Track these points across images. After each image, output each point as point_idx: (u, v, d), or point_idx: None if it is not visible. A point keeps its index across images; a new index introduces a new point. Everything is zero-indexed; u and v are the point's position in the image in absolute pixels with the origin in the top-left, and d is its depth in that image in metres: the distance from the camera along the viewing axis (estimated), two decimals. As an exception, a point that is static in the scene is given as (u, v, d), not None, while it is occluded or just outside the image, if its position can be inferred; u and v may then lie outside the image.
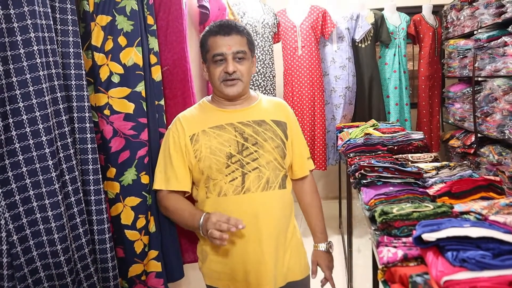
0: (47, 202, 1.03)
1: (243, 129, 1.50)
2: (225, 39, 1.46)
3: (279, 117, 1.59)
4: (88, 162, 1.21)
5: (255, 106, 1.57)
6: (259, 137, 1.51)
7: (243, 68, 1.49)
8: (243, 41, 1.50)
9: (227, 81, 1.47)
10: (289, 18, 3.60)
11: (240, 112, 1.54)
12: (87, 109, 1.21)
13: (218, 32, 1.47)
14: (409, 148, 2.54)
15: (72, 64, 1.17)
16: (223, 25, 1.49)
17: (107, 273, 1.25)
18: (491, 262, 0.91)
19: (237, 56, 1.47)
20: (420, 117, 4.05)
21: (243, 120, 1.52)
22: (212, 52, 1.47)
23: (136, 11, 1.45)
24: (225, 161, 1.46)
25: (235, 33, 1.48)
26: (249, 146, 1.49)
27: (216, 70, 1.47)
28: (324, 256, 1.69)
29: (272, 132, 1.53)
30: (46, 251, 1.04)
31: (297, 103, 3.66)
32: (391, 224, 1.39)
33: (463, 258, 0.93)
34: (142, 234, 1.55)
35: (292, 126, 1.62)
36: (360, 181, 2.00)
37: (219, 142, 1.47)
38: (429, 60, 3.93)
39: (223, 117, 1.52)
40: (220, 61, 1.46)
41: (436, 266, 0.96)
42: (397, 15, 3.88)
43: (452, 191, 1.60)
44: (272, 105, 1.62)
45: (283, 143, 1.55)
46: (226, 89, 1.48)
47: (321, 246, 1.69)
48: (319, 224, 1.71)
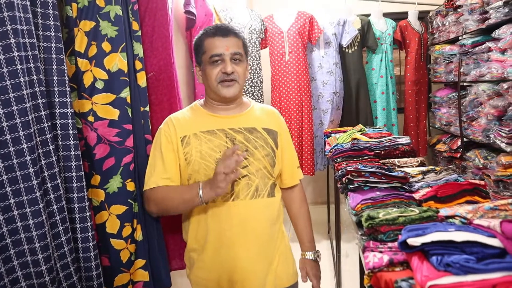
0: (28, 211, 1.01)
1: (234, 135, 1.49)
2: (223, 40, 1.46)
3: (270, 125, 1.58)
4: (71, 169, 1.20)
5: (247, 113, 1.57)
6: (249, 144, 1.50)
7: (240, 69, 1.49)
8: (240, 43, 1.50)
9: (224, 81, 1.46)
10: (276, 24, 3.62)
11: (232, 119, 1.53)
12: (70, 115, 1.19)
13: (216, 34, 1.47)
14: (395, 152, 2.56)
15: (54, 70, 1.16)
16: (221, 27, 1.49)
17: (92, 281, 1.23)
18: (475, 266, 0.92)
19: (234, 57, 1.47)
20: (407, 122, 4.08)
21: (234, 127, 1.51)
22: (209, 53, 1.46)
23: (121, 17, 1.44)
24: (214, 166, 1.45)
25: (232, 35, 1.48)
26: (239, 153, 1.48)
27: (213, 71, 1.46)
28: (312, 264, 1.69)
29: (263, 140, 1.53)
30: (27, 260, 1.02)
31: (285, 108, 3.67)
32: (377, 229, 1.39)
33: (447, 263, 0.93)
34: (128, 242, 1.52)
35: (283, 135, 1.62)
36: (347, 186, 2.01)
37: (210, 147, 1.46)
38: (416, 65, 3.97)
39: (215, 123, 1.51)
40: (217, 62, 1.46)
41: (421, 270, 0.96)
42: (384, 21, 3.92)
43: (437, 196, 1.61)
44: (264, 113, 1.61)
45: (273, 151, 1.55)
46: (223, 90, 1.47)
47: (308, 255, 1.69)
48: (307, 233, 1.71)
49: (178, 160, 1.47)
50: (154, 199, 1.46)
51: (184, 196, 1.41)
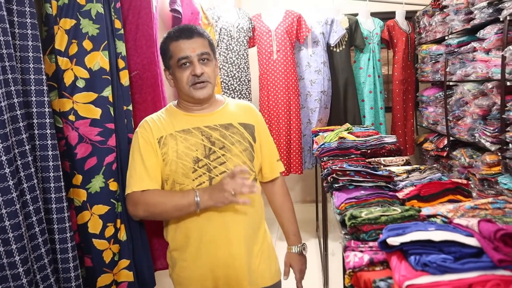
0: (4, 211, 0.99)
1: (210, 133, 1.49)
2: (188, 42, 1.44)
3: (246, 120, 1.58)
4: (49, 169, 1.18)
5: (222, 110, 1.56)
6: (226, 140, 1.49)
7: (209, 70, 1.48)
8: (205, 43, 1.49)
9: (196, 84, 1.45)
10: (264, 23, 3.61)
11: (207, 117, 1.52)
12: (47, 114, 1.18)
13: (180, 36, 1.45)
14: (382, 151, 2.57)
15: (31, 69, 1.14)
16: (184, 29, 1.48)
17: (70, 283, 1.21)
18: (451, 265, 0.92)
19: (201, 57, 1.46)
20: (394, 121, 4.10)
21: (210, 124, 1.50)
22: (176, 56, 1.45)
23: (102, 15, 1.43)
24: (192, 165, 1.44)
25: (196, 35, 1.47)
26: (216, 150, 1.47)
27: (183, 75, 1.45)
28: (297, 258, 1.69)
29: (240, 135, 1.53)
30: (3, 263, 1.01)
31: (273, 107, 3.67)
32: (360, 228, 1.39)
33: (424, 262, 0.93)
34: (111, 243, 1.51)
35: (260, 129, 1.61)
36: (332, 185, 2.01)
37: (186, 146, 1.45)
38: (403, 64, 3.99)
39: (190, 121, 1.50)
40: (185, 65, 1.45)
41: (399, 270, 0.97)
42: (371, 20, 3.93)
43: (420, 194, 1.62)
44: (239, 108, 1.61)
45: (251, 146, 1.55)
46: (196, 92, 1.46)
47: (294, 248, 1.69)
48: (291, 226, 1.71)
49: (157, 160, 1.46)
50: (144, 203, 1.43)
51: (178, 203, 1.40)
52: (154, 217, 1.53)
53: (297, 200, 4.91)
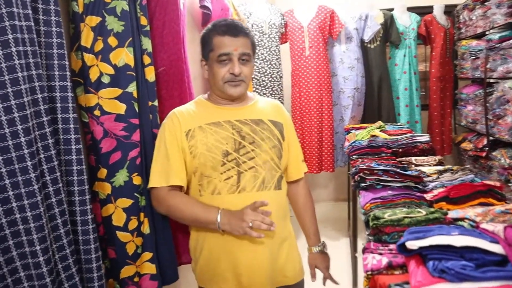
0: (26, 203, 1.03)
1: (240, 127, 1.48)
2: (233, 40, 1.44)
3: (276, 117, 1.57)
4: (72, 163, 1.21)
5: (252, 106, 1.56)
6: (256, 136, 1.48)
7: (247, 70, 1.48)
8: (249, 43, 1.48)
9: (231, 82, 1.45)
10: (296, 19, 3.57)
11: (238, 110, 1.52)
12: (71, 110, 1.21)
13: (226, 32, 1.44)
14: (414, 151, 2.49)
15: (56, 65, 1.17)
16: (231, 26, 1.46)
17: (91, 273, 1.25)
18: (471, 273, 0.88)
19: (242, 57, 1.45)
20: (431, 119, 3.97)
21: (241, 118, 1.50)
22: (217, 51, 1.44)
23: (127, 12, 1.45)
24: (221, 158, 1.44)
25: (242, 35, 1.46)
26: (246, 145, 1.46)
27: (220, 70, 1.45)
28: (321, 257, 1.68)
29: (270, 132, 1.52)
30: (25, 251, 1.05)
31: (305, 104, 3.63)
32: (382, 230, 1.36)
33: (442, 269, 0.90)
34: (135, 235, 1.54)
35: (288, 128, 1.60)
36: (359, 184, 1.97)
37: (216, 139, 1.45)
38: (441, 61, 3.84)
39: (221, 114, 1.50)
40: (224, 61, 1.45)
41: (416, 275, 0.93)
42: (408, 15, 3.81)
43: (450, 196, 1.56)
44: (269, 106, 1.61)
45: (280, 143, 1.53)
46: (230, 90, 1.46)
47: (314, 249, 1.67)
48: (312, 226, 1.69)
49: (182, 157, 1.46)
50: (166, 205, 1.45)
51: (199, 216, 1.40)
52: (174, 219, 1.55)
53: (329, 198, 4.85)
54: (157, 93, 1.79)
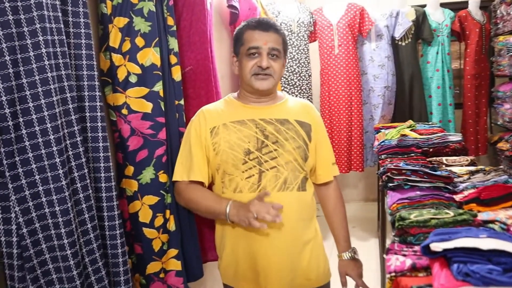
0: (54, 198, 1.07)
1: (264, 126, 1.48)
2: (263, 34, 1.46)
3: (304, 118, 1.55)
4: (99, 160, 1.25)
5: (280, 105, 1.55)
6: (280, 135, 1.48)
7: (276, 65, 1.48)
8: (279, 39, 1.49)
9: (258, 75, 1.46)
10: (325, 17, 3.54)
11: (263, 109, 1.52)
12: (99, 108, 1.24)
13: (257, 27, 1.47)
14: (445, 150, 2.43)
15: (84, 65, 1.21)
16: (262, 21, 1.50)
17: (118, 268, 1.28)
18: (497, 278, 0.85)
19: (271, 52, 1.46)
20: (465, 118, 3.84)
21: (265, 117, 1.50)
22: (247, 45, 1.46)
23: (154, 12, 1.48)
24: (243, 157, 1.45)
25: (273, 30, 1.48)
26: (269, 144, 1.46)
27: (248, 63, 1.46)
28: (352, 264, 1.62)
29: (295, 132, 1.50)
30: (54, 245, 1.09)
31: (334, 103, 3.59)
32: (407, 231, 1.33)
33: (467, 272, 0.87)
34: (160, 232, 1.57)
35: (317, 129, 1.58)
36: (386, 184, 1.94)
37: (239, 137, 1.46)
38: (476, 58, 3.72)
39: (246, 113, 1.51)
40: (253, 55, 1.46)
41: (439, 278, 0.91)
42: (441, 11, 3.70)
43: (480, 198, 1.51)
44: (298, 106, 1.59)
45: (306, 144, 1.52)
46: (257, 83, 1.46)
47: (345, 255, 1.62)
48: (342, 231, 1.65)
49: (205, 154, 1.49)
50: (182, 196, 1.50)
51: (210, 208, 1.43)
52: (192, 211, 1.59)
53: (359, 198, 4.79)
54: (184, 92, 1.82)
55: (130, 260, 1.55)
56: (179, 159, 1.53)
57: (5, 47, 1.00)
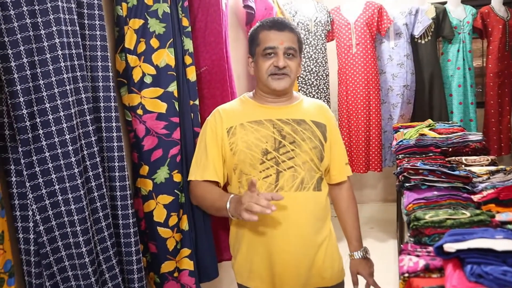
0: (70, 196, 1.10)
1: (281, 126, 1.48)
2: (278, 34, 1.46)
3: (319, 118, 1.55)
4: (114, 160, 1.27)
5: (296, 105, 1.56)
6: (297, 136, 1.48)
7: (293, 65, 1.48)
8: (295, 38, 1.50)
9: (275, 75, 1.46)
10: (343, 16, 3.51)
11: (280, 110, 1.52)
12: (113, 109, 1.27)
13: (272, 27, 1.48)
14: (465, 150, 2.38)
15: (99, 66, 1.23)
16: (277, 21, 1.50)
17: (131, 265, 1.30)
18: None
19: (287, 52, 1.47)
20: (487, 117, 3.76)
21: (282, 118, 1.50)
22: (263, 45, 1.47)
23: (168, 14, 1.49)
24: (260, 157, 1.45)
25: (288, 30, 1.48)
26: (286, 144, 1.46)
27: (265, 64, 1.47)
28: (363, 263, 1.62)
29: (311, 133, 1.50)
30: (69, 242, 1.12)
31: (352, 102, 3.56)
32: (422, 231, 1.31)
33: (480, 273, 0.85)
34: (174, 231, 1.58)
35: (332, 130, 1.58)
36: (403, 184, 1.91)
37: (256, 138, 1.46)
38: (499, 55, 3.63)
39: (263, 113, 1.51)
40: (269, 55, 1.46)
41: (451, 279, 0.89)
42: (462, 8, 3.63)
43: (500, 198, 1.48)
44: (313, 107, 1.59)
45: (322, 144, 1.52)
46: (273, 83, 1.47)
47: (356, 254, 1.62)
48: (354, 231, 1.65)
49: (221, 154, 1.49)
50: (193, 193, 1.53)
51: (215, 203, 1.43)
52: (203, 209, 1.59)
53: (378, 199, 4.73)
54: (199, 92, 1.83)
55: (145, 258, 1.57)
56: (194, 158, 1.54)
57: (23, 49, 1.03)
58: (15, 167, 1.07)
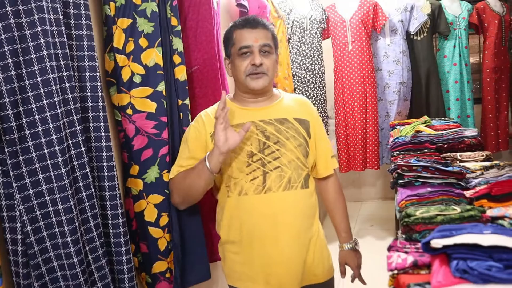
0: (57, 197, 1.09)
1: (264, 127, 1.48)
2: (252, 32, 1.45)
3: (302, 115, 1.55)
4: (102, 160, 1.27)
5: (277, 104, 1.55)
6: (281, 135, 1.48)
7: (269, 62, 1.47)
8: (269, 35, 1.49)
9: (253, 74, 1.45)
10: (338, 13, 3.51)
11: (262, 110, 1.52)
12: (101, 109, 1.26)
13: (245, 25, 1.47)
14: (460, 146, 2.37)
15: (86, 66, 1.23)
16: (250, 19, 1.49)
17: (121, 265, 1.30)
18: (496, 274, 0.82)
19: (263, 49, 1.46)
20: (484, 113, 3.75)
21: (265, 118, 1.49)
22: (238, 45, 1.46)
23: (156, 13, 1.49)
24: (246, 159, 1.45)
25: (261, 27, 1.47)
26: (270, 145, 1.46)
27: (242, 63, 1.46)
28: (351, 255, 1.63)
29: (295, 131, 1.50)
30: (58, 242, 1.11)
31: (348, 100, 3.55)
32: (412, 228, 1.31)
33: (464, 269, 0.85)
34: (165, 231, 1.57)
35: (315, 124, 1.58)
36: (397, 181, 1.91)
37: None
38: (495, 50, 3.62)
39: (245, 115, 1.50)
40: (245, 54, 1.46)
41: (437, 275, 0.89)
42: (458, 3, 3.62)
43: (492, 193, 1.47)
44: (295, 103, 1.59)
45: (306, 141, 1.52)
46: (252, 83, 1.46)
47: (346, 246, 1.63)
48: (343, 223, 1.65)
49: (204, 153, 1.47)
50: (174, 188, 1.50)
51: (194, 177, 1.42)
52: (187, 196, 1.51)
53: (377, 196, 4.72)
54: (191, 91, 1.82)
55: (136, 258, 1.57)
56: (176, 160, 1.53)
57: (7, 50, 1.03)
58: (2, 168, 1.07)
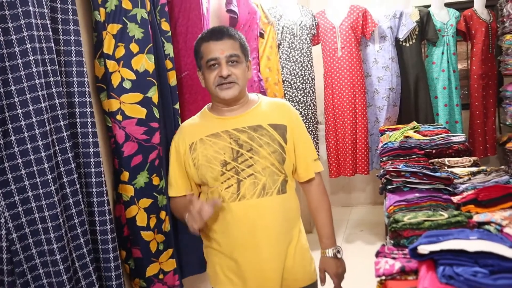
0: (44, 203, 1.08)
1: (238, 135, 1.48)
2: (218, 44, 1.45)
3: (278, 120, 1.54)
4: (90, 166, 1.26)
5: (252, 111, 1.54)
6: (254, 143, 1.48)
7: (238, 71, 1.48)
8: (236, 45, 1.49)
9: (222, 85, 1.46)
10: (328, 19, 3.53)
11: (236, 119, 1.52)
12: (89, 114, 1.26)
13: (210, 38, 1.47)
14: (448, 151, 2.40)
15: (74, 72, 1.22)
16: (215, 31, 1.49)
17: (110, 272, 1.29)
18: (481, 280, 0.83)
19: (230, 60, 1.46)
20: (472, 119, 3.79)
21: (238, 127, 1.50)
22: (205, 57, 1.47)
23: (147, 20, 1.49)
24: (220, 168, 1.46)
25: (227, 37, 1.47)
26: (244, 153, 1.47)
27: (211, 75, 1.47)
28: (331, 262, 1.59)
29: (269, 137, 1.50)
30: (44, 250, 1.10)
31: (338, 105, 3.58)
32: (400, 234, 1.32)
33: (450, 275, 0.85)
34: (156, 233, 1.58)
35: (294, 128, 1.56)
36: (385, 186, 1.92)
37: (215, 150, 1.47)
38: (482, 57, 3.67)
39: (219, 124, 1.52)
40: (213, 66, 1.46)
41: (423, 281, 0.89)
42: (446, 11, 3.66)
43: (478, 199, 1.49)
44: (272, 108, 1.57)
45: (282, 147, 1.51)
46: (222, 93, 1.47)
47: (328, 252, 1.59)
48: (325, 228, 1.61)
49: (184, 169, 1.54)
50: (171, 208, 1.62)
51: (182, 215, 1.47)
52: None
53: (367, 201, 4.74)
54: (181, 97, 1.83)
55: (128, 265, 1.56)
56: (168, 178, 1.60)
57: (-6, 55, 1.02)
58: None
